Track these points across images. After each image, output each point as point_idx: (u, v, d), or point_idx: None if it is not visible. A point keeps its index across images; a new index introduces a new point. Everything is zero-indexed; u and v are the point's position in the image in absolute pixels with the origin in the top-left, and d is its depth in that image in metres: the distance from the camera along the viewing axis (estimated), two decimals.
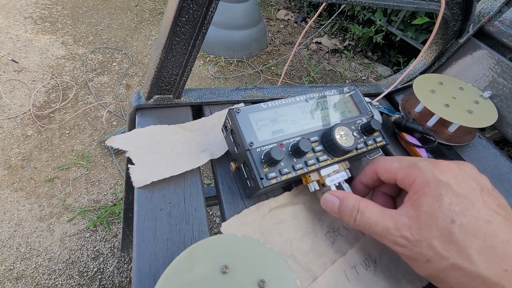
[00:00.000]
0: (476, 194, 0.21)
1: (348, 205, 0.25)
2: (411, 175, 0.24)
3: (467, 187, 0.22)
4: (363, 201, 0.25)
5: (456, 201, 0.21)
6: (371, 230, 0.24)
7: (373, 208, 0.24)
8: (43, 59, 1.57)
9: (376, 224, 0.23)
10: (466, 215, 0.20)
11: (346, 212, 0.25)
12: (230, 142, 0.30)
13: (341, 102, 0.33)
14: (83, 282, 0.91)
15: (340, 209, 0.26)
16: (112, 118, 1.39)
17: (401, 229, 0.22)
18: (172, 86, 0.36)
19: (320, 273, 0.27)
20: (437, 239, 0.21)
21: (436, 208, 0.21)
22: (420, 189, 0.23)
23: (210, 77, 1.75)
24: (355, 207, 0.25)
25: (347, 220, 0.26)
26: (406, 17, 1.84)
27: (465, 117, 0.40)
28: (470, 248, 0.20)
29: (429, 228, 0.21)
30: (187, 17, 0.28)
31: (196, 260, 0.21)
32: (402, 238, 0.22)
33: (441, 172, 0.22)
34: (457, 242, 0.20)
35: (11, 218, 1.00)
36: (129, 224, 0.75)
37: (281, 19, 2.46)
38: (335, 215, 0.27)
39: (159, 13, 2.22)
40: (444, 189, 0.22)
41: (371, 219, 0.24)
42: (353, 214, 0.25)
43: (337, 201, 0.26)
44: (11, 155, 1.15)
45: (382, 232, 0.23)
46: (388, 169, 0.26)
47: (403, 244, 0.22)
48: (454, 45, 0.48)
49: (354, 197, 0.26)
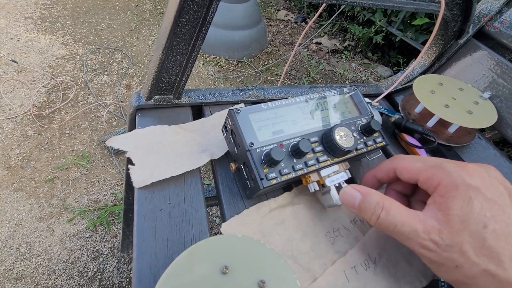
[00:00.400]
0: (505, 199, 0.21)
1: (371, 201, 0.24)
2: (436, 177, 0.23)
3: (496, 191, 0.21)
4: (388, 199, 0.24)
5: (487, 206, 0.20)
6: (396, 231, 0.23)
7: (400, 208, 0.23)
8: (43, 59, 1.57)
9: (403, 225, 0.22)
10: (498, 220, 0.20)
11: (369, 209, 0.24)
12: (230, 143, 0.31)
13: (341, 102, 0.33)
14: (83, 282, 0.91)
15: (362, 204, 0.25)
16: (112, 118, 1.39)
17: (430, 232, 0.21)
18: (172, 86, 0.36)
19: (320, 274, 0.27)
20: (469, 245, 0.20)
21: (467, 213, 0.20)
22: (447, 191, 0.22)
23: (210, 77, 1.75)
24: (380, 205, 0.23)
25: (369, 217, 0.24)
26: (406, 17, 1.84)
27: (465, 118, 0.40)
28: (503, 254, 0.19)
29: (461, 233, 0.20)
30: (188, 18, 0.28)
31: (196, 261, 0.21)
32: (431, 241, 0.21)
33: (469, 176, 0.22)
34: (490, 248, 0.20)
35: (11, 218, 1.00)
36: (129, 224, 0.75)
37: (281, 19, 2.46)
38: (353, 210, 0.26)
39: (159, 13, 2.22)
40: (474, 193, 0.21)
41: (397, 219, 0.22)
42: (376, 212, 0.23)
43: (359, 196, 0.25)
44: (11, 155, 1.15)
45: (409, 234, 0.22)
46: (409, 169, 0.25)
47: (431, 248, 0.21)
48: (454, 46, 0.48)
49: (379, 194, 0.24)
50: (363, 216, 0.25)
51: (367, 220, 0.25)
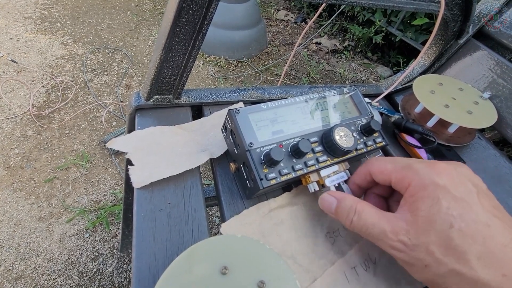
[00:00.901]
0: (473, 197, 0.21)
1: (345, 205, 0.25)
2: (407, 178, 0.23)
3: (464, 189, 0.21)
4: (361, 203, 0.25)
5: (454, 205, 0.21)
6: (368, 233, 0.24)
7: (371, 210, 0.24)
8: (43, 59, 1.57)
9: (373, 226, 0.23)
10: (465, 219, 0.20)
11: (343, 213, 0.25)
12: (230, 143, 0.30)
13: (341, 102, 0.33)
14: (83, 282, 0.91)
15: (337, 209, 0.26)
16: (111, 118, 1.39)
17: (398, 233, 0.22)
18: (172, 86, 0.36)
19: (320, 274, 0.27)
20: (435, 245, 0.20)
21: (434, 213, 0.21)
22: (416, 192, 0.22)
23: (210, 77, 1.75)
24: (352, 208, 0.25)
25: (344, 221, 0.25)
26: (406, 17, 1.84)
27: (465, 118, 0.40)
28: (469, 253, 0.20)
29: (427, 233, 0.21)
30: (187, 18, 0.28)
31: (195, 261, 0.21)
32: (399, 242, 0.22)
33: (437, 175, 0.22)
34: (456, 247, 0.20)
35: (11, 218, 1.00)
36: (129, 224, 0.75)
37: (281, 19, 2.46)
38: (331, 215, 0.27)
39: (159, 13, 2.22)
40: (441, 193, 0.21)
41: (368, 221, 0.23)
42: (350, 215, 0.25)
43: (335, 202, 0.26)
44: (10, 155, 1.15)
45: (379, 235, 0.23)
46: (382, 171, 0.26)
47: (400, 249, 0.22)
48: (453, 46, 0.48)
49: (352, 198, 0.26)
50: (340, 220, 0.26)
51: (343, 224, 0.26)
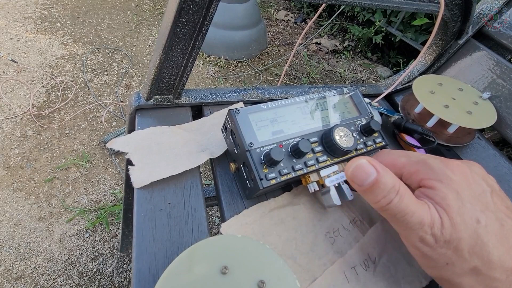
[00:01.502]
0: (487, 196, 0.21)
1: (387, 182, 0.21)
2: (420, 172, 0.22)
3: (478, 188, 0.21)
4: (403, 185, 0.22)
5: (474, 201, 0.20)
6: (403, 219, 0.21)
7: (412, 196, 0.21)
8: (43, 59, 1.57)
9: (413, 214, 0.21)
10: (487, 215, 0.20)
11: (382, 191, 0.21)
12: (230, 143, 0.31)
13: (340, 103, 0.33)
14: (82, 282, 0.91)
15: (375, 184, 0.22)
16: (111, 118, 1.39)
17: (433, 226, 0.20)
18: (172, 86, 0.36)
19: (319, 274, 0.27)
20: (465, 241, 0.19)
21: (460, 206, 0.20)
22: (435, 186, 0.21)
23: (210, 77, 1.75)
24: (395, 188, 0.21)
25: (378, 199, 0.22)
26: (405, 18, 1.84)
27: (465, 118, 0.40)
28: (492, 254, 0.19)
29: (459, 228, 0.20)
30: (187, 18, 0.28)
31: (195, 261, 0.21)
32: (431, 236, 0.20)
33: (452, 172, 0.21)
34: (482, 246, 0.19)
35: (11, 218, 1.00)
36: (129, 224, 0.75)
37: (281, 19, 2.46)
38: (361, 189, 0.23)
39: (159, 13, 2.22)
40: (459, 188, 0.20)
41: (409, 207, 0.21)
42: (390, 195, 0.21)
43: (374, 174, 0.22)
44: (10, 155, 1.15)
45: (415, 225, 0.20)
46: (394, 163, 0.25)
47: (429, 243, 0.20)
48: (453, 46, 0.48)
49: (394, 176, 0.22)
50: (370, 198, 0.22)
51: (372, 202, 0.22)
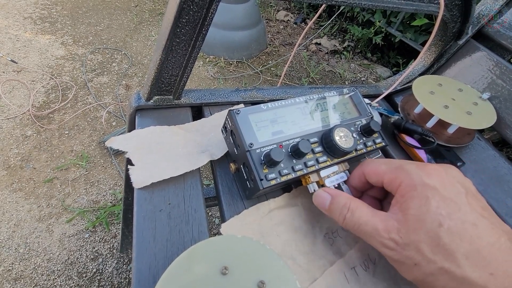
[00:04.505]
0: (461, 197, 0.22)
1: (339, 202, 0.25)
2: (398, 178, 0.24)
3: (453, 190, 0.22)
4: (354, 201, 0.25)
5: (443, 204, 0.21)
6: (360, 230, 0.24)
7: (364, 208, 0.24)
8: (43, 60, 1.57)
9: (366, 224, 0.23)
10: (453, 218, 0.21)
11: (337, 210, 0.25)
12: (230, 143, 0.31)
13: (340, 103, 0.33)
14: (82, 283, 0.90)
15: (331, 206, 0.26)
16: (111, 119, 1.39)
17: (390, 231, 0.22)
18: (172, 87, 0.36)
19: (319, 274, 0.27)
20: (424, 243, 0.21)
21: (423, 212, 0.21)
22: (407, 192, 0.23)
23: (209, 77, 1.75)
24: (346, 205, 0.25)
25: (337, 218, 0.25)
26: (405, 18, 1.84)
27: (464, 119, 0.40)
28: (457, 251, 0.20)
29: (417, 232, 0.21)
30: (188, 18, 0.28)
31: (195, 261, 0.21)
32: (390, 240, 0.22)
33: (427, 176, 0.23)
34: (444, 246, 0.20)
35: (10, 218, 0.99)
36: (128, 225, 0.75)
37: (281, 20, 2.47)
38: (325, 212, 0.27)
39: (158, 13, 2.22)
40: (431, 193, 0.22)
41: (361, 219, 0.24)
42: (343, 212, 0.25)
43: (329, 198, 0.26)
44: (10, 155, 1.15)
45: (371, 233, 0.23)
46: (375, 172, 0.26)
47: (391, 247, 0.22)
48: (453, 47, 0.48)
49: (346, 195, 0.26)
50: (333, 217, 0.26)
51: (336, 220, 0.26)
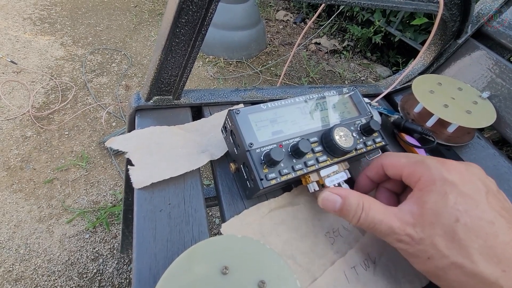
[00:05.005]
0: (481, 195, 0.21)
1: (351, 203, 0.25)
2: (417, 172, 0.24)
3: (473, 187, 0.22)
4: (366, 199, 0.24)
5: (461, 200, 0.21)
6: (375, 229, 0.24)
7: (378, 207, 0.24)
8: (42, 60, 1.57)
9: (381, 223, 0.23)
10: (470, 214, 0.21)
11: (350, 211, 0.25)
12: (230, 143, 0.31)
13: (340, 102, 0.33)
14: (83, 283, 0.90)
15: (343, 207, 0.25)
16: (111, 119, 1.39)
17: (405, 227, 0.22)
18: (171, 87, 0.36)
19: (319, 274, 0.27)
20: (440, 237, 0.21)
21: (441, 206, 0.21)
22: (425, 186, 0.23)
23: (209, 77, 1.75)
24: (360, 206, 0.24)
25: (350, 219, 0.25)
26: (405, 17, 1.84)
27: (464, 118, 0.40)
28: (471, 247, 0.20)
29: (433, 226, 0.21)
30: (187, 18, 0.28)
31: (196, 261, 0.21)
32: (406, 236, 0.22)
33: (448, 171, 0.22)
34: (459, 241, 0.20)
35: (10, 219, 0.99)
36: (129, 225, 0.75)
37: (280, 19, 2.47)
38: (335, 214, 0.26)
39: (158, 14, 2.22)
40: (449, 188, 0.22)
41: (376, 218, 0.23)
42: (357, 213, 0.24)
43: (339, 200, 0.25)
44: (10, 156, 1.15)
45: (387, 231, 0.23)
46: (395, 165, 0.26)
47: (406, 242, 0.22)
48: (452, 46, 0.48)
49: (357, 194, 0.25)
50: (345, 218, 0.26)
51: (349, 221, 0.25)
